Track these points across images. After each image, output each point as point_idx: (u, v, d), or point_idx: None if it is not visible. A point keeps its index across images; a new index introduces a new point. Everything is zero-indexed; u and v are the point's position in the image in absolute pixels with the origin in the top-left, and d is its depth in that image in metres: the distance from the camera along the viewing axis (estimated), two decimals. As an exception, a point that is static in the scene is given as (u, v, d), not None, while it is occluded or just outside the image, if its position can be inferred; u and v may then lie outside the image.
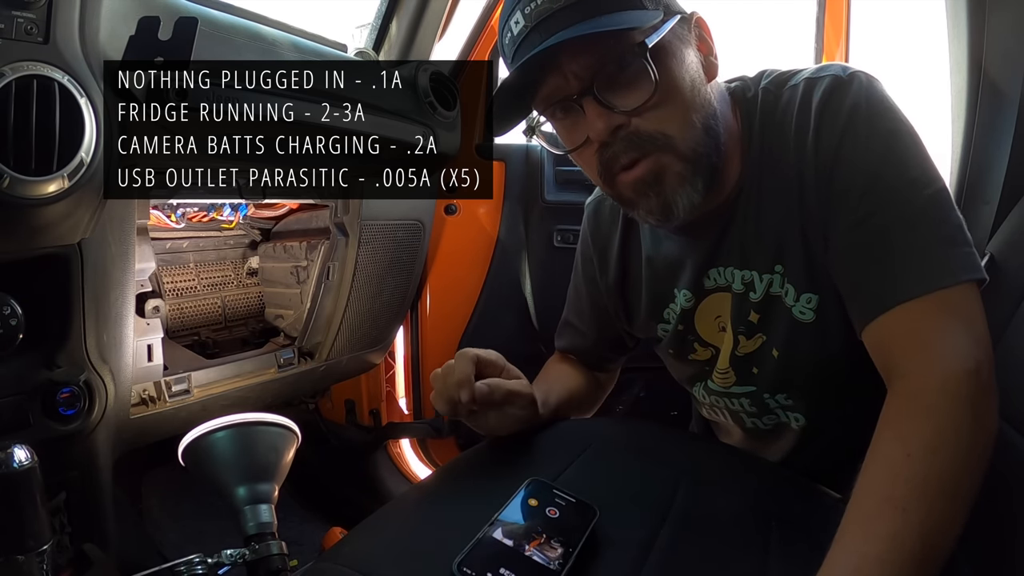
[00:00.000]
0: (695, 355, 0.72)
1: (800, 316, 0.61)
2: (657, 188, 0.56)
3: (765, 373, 0.66)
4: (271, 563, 0.55)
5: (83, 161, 0.56)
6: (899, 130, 0.55)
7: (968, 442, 0.44)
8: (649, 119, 0.54)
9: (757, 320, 0.64)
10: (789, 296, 0.61)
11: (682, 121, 0.55)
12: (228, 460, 0.59)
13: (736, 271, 0.63)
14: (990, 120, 0.78)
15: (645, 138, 0.54)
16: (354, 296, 1.08)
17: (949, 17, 0.82)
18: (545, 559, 0.46)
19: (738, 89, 0.62)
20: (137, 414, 0.82)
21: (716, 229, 0.63)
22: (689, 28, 0.57)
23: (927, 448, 0.43)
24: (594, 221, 0.77)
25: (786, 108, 0.58)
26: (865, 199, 0.53)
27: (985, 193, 0.78)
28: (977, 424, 0.45)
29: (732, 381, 0.69)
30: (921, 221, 0.52)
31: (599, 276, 0.77)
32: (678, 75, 0.55)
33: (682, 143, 0.55)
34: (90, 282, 0.68)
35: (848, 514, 0.44)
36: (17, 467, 0.47)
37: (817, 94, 0.56)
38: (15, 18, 0.53)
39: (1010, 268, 0.62)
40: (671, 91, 0.54)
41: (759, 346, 0.65)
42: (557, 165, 1.31)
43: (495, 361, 0.61)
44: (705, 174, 0.57)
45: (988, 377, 0.47)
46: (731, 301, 0.65)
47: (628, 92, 0.54)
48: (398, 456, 1.41)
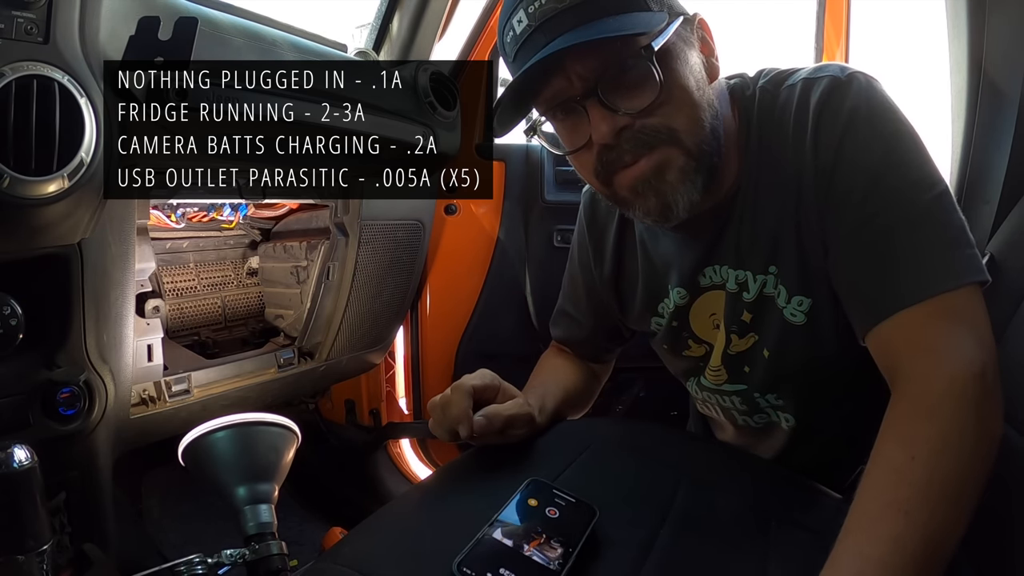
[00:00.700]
0: (689, 351, 0.72)
1: (791, 318, 0.61)
2: (657, 186, 0.56)
3: (756, 372, 0.66)
4: (271, 563, 0.55)
5: (83, 161, 0.56)
6: (900, 131, 0.55)
7: (972, 446, 0.44)
8: (655, 116, 0.54)
9: (750, 320, 0.64)
10: (781, 297, 0.61)
11: (689, 116, 0.55)
12: (228, 460, 0.59)
13: (731, 270, 0.64)
14: (990, 120, 0.78)
15: (651, 133, 0.54)
16: (354, 296, 1.08)
17: (949, 17, 0.82)
18: (545, 559, 0.46)
19: (737, 87, 0.62)
20: (137, 414, 0.82)
21: (713, 228, 0.63)
22: (692, 30, 0.57)
23: (931, 451, 0.43)
24: (591, 210, 0.77)
25: (784, 107, 0.58)
26: (867, 201, 0.53)
27: (985, 193, 0.78)
28: (982, 427, 0.45)
29: (724, 379, 0.69)
30: (924, 223, 0.52)
31: (594, 265, 0.77)
32: (683, 76, 0.55)
33: (688, 138, 0.55)
34: (90, 282, 0.68)
35: (851, 516, 0.43)
36: (17, 467, 0.47)
37: (815, 94, 0.56)
38: (15, 18, 0.53)
39: (1010, 268, 0.62)
40: (676, 92, 0.54)
41: (750, 346, 0.65)
42: (557, 165, 1.31)
43: (490, 384, 0.62)
44: (705, 173, 0.57)
45: (993, 380, 0.47)
46: (725, 300, 0.65)
47: (633, 94, 0.53)
48: (398, 456, 1.41)
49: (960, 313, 0.49)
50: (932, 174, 0.54)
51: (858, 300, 0.55)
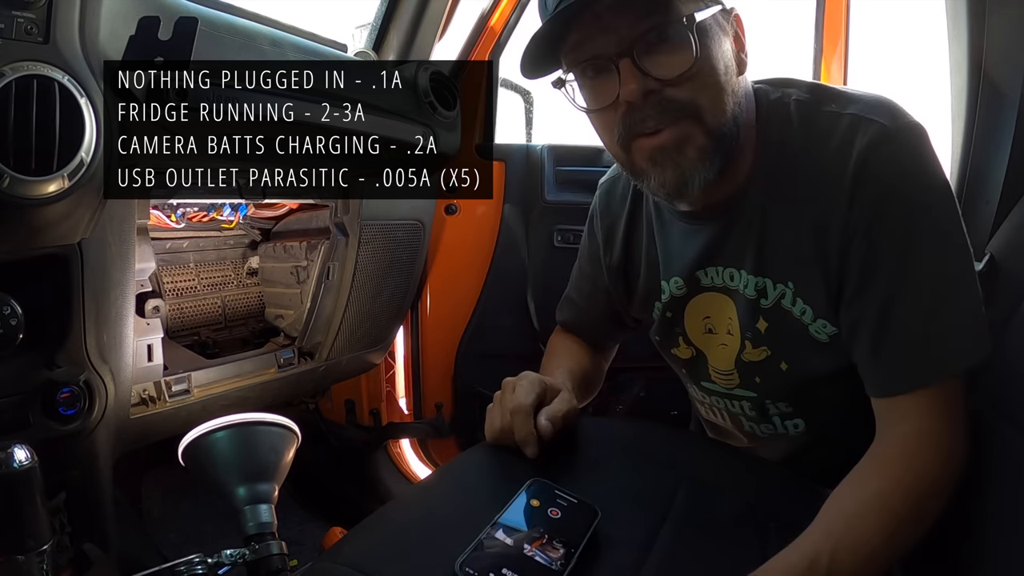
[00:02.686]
0: (677, 350, 0.72)
1: (816, 335, 0.61)
2: (677, 159, 0.56)
3: (771, 383, 0.66)
4: (271, 563, 0.55)
5: (83, 161, 0.56)
6: (936, 204, 0.54)
7: (903, 531, 0.50)
8: (683, 88, 0.54)
9: (765, 329, 0.63)
10: (806, 316, 0.60)
11: (714, 97, 0.55)
12: (228, 460, 0.59)
13: (742, 273, 0.63)
14: (990, 120, 0.78)
15: (677, 105, 0.55)
16: (354, 296, 1.08)
17: (949, 17, 0.82)
18: (547, 559, 0.46)
19: (761, 91, 0.62)
20: (137, 414, 0.82)
21: (719, 225, 0.63)
22: (728, 21, 0.58)
23: (876, 507, 0.50)
24: (605, 200, 0.78)
25: (824, 134, 0.57)
26: (890, 281, 0.54)
27: (985, 193, 0.77)
28: (916, 522, 0.51)
29: (735, 383, 0.69)
30: (940, 309, 0.53)
31: (603, 254, 0.78)
32: (715, 57, 0.55)
33: (711, 117, 0.55)
34: (90, 282, 0.67)
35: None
36: (17, 467, 0.47)
37: (862, 139, 0.55)
38: (15, 18, 0.53)
39: (1010, 268, 0.62)
40: (708, 69, 0.55)
41: (765, 358, 0.65)
42: (557, 165, 1.31)
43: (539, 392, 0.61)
44: (723, 156, 0.57)
45: (946, 488, 0.52)
46: (736, 305, 0.65)
47: (667, 60, 0.54)
48: (398, 456, 1.41)
49: (949, 403, 0.53)
50: (960, 252, 0.54)
51: (859, 364, 0.57)
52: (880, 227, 0.54)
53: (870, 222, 0.54)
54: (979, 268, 0.64)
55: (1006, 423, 0.53)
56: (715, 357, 0.69)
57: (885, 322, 0.55)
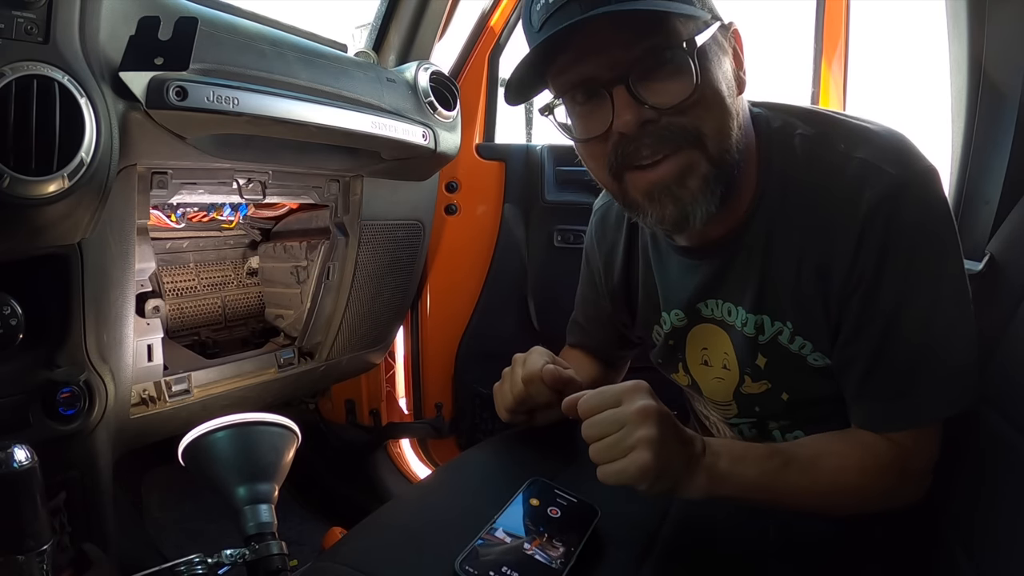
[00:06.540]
0: (677, 375, 0.72)
1: (814, 363, 0.59)
2: (677, 193, 0.52)
3: (771, 410, 0.65)
4: (271, 563, 0.55)
5: (83, 161, 0.56)
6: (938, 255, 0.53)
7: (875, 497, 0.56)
8: (684, 115, 0.51)
9: (765, 365, 0.62)
10: (805, 349, 0.59)
11: (718, 122, 0.52)
12: (228, 460, 0.59)
13: (739, 310, 0.61)
14: (990, 120, 0.78)
15: (678, 132, 0.51)
16: (354, 296, 1.08)
17: (949, 17, 0.82)
18: (547, 558, 0.46)
19: (761, 116, 0.59)
20: (137, 414, 0.82)
21: (719, 260, 0.61)
22: (727, 38, 0.55)
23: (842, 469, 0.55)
24: (600, 229, 0.76)
25: (830, 176, 0.54)
26: (887, 330, 0.53)
27: (985, 193, 0.77)
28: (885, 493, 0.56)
29: (734, 413, 0.68)
30: (931, 360, 0.53)
31: (604, 281, 0.77)
32: (717, 80, 0.52)
33: (714, 144, 0.52)
34: (90, 282, 0.67)
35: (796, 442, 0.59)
36: (17, 467, 0.46)
37: (870, 189, 0.52)
38: (15, 18, 0.53)
39: (1010, 268, 0.62)
40: (709, 94, 0.51)
41: (765, 390, 0.64)
42: (557, 165, 1.31)
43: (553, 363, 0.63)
44: (725, 184, 0.54)
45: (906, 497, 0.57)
46: (732, 340, 0.63)
47: (665, 88, 0.50)
48: (398, 456, 1.41)
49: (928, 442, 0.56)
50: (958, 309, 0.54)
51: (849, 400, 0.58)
52: (883, 280, 0.53)
53: (874, 274, 0.53)
54: (979, 268, 0.64)
55: (1006, 423, 0.53)
56: (710, 389, 0.68)
57: (875, 367, 0.54)
